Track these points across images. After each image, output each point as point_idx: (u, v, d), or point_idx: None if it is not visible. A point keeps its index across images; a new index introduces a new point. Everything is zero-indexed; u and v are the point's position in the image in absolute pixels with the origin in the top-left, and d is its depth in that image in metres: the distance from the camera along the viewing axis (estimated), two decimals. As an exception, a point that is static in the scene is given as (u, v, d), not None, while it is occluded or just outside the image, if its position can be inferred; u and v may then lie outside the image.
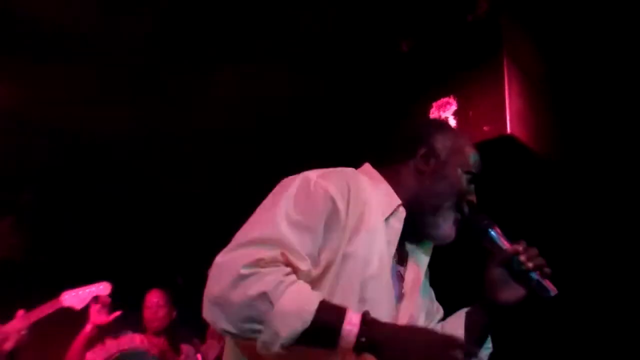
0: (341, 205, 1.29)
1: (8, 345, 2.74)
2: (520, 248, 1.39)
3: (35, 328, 2.86)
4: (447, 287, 1.75)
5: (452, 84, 2.91)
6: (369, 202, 1.36)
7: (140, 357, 3.40)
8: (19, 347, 2.77)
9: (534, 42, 3.05)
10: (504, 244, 1.43)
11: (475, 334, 1.45)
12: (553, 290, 1.37)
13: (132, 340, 3.48)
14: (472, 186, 1.50)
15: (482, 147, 2.71)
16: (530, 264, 1.37)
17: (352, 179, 1.37)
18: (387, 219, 1.39)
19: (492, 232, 1.44)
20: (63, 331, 3.61)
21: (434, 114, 2.92)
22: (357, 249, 1.29)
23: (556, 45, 3.07)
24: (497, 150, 2.72)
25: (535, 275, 1.37)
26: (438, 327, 1.54)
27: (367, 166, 1.54)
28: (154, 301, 3.67)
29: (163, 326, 3.62)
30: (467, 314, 1.49)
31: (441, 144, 1.49)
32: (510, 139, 2.69)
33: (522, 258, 1.38)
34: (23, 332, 2.78)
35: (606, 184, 3.16)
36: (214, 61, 3.39)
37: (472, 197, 1.49)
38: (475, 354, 1.41)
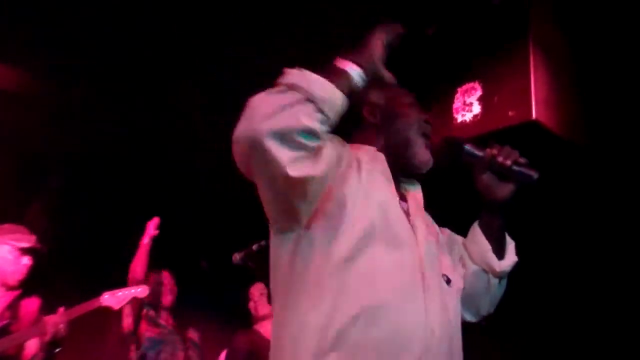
0: (340, 148, 1.44)
1: (46, 337, 2.81)
2: (495, 151, 1.56)
3: (75, 324, 2.96)
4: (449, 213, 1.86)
5: (478, 68, 2.90)
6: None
7: (166, 338, 3.48)
8: (57, 339, 2.85)
9: (560, 27, 3.01)
10: (480, 152, 1.59)
11: (494, 235, 1.62)
12: (535, 173, 1.53)
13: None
14: (420, 110, 1.66)
15: (507, 133, 2.74)
16: (508, 161, 1.53)
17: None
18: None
19: (467, 147, 1.61)
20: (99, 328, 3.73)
21: (458, 99, 2.91)
22: (365, 182, 1.43)
23: (582, 29, 3.03)
24: (522, 136, 2.70)
25: (516, 168, 1.53)
26: (463, 247, 1.68)
27: None
28: (169, 280, 3.79)
29: (173, 303, 3.72)
30: (480, 224, 1.64)
31: (375, 96, 1.65)
32: (536, 124, 2.67)
33: (500, 159, 1.54)
34: (61, 326, 2.84)
35: (633, 169, 3.13)
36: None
37: (426, 117, 1.65)
38: None
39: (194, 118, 4.15)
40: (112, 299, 3.13)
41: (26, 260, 2.97)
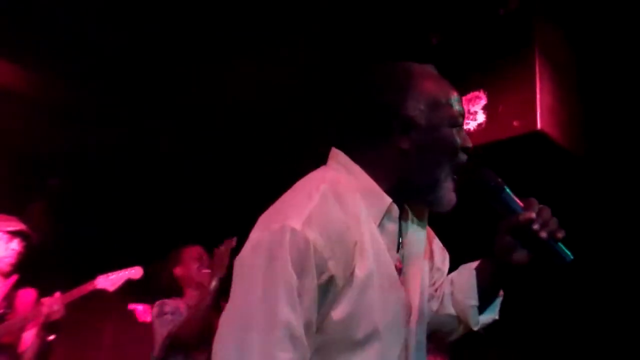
0: (335, 270, 1.11)
1: (40, 320, 2.85)
2: (533, 215, 1.23)
3: (70, 307, 2.99)
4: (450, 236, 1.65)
5: (483, 77, 2.88)
6: (358, 221, 1.17)
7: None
8: (54, 321, 2.88)
9: (566, 37, 3.00)
10: (517, 206, 1.27)
11: (487, 292, 1.40)
12: (569, 257, 1.26)
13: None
14: (462, 131, 1.28)
15: (512, 143, 2.72)
16: (544, 233, 1.22)
17: (336, 218, 1.14)
18: (380, 224, 1.21)
19: (505, 194, 1.28)
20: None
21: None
22: (362, 288, 1.14)
23: (588, 40, 3.02)
24: (526, 146, 2.69)
25: (551, 244, 1.25)
26: (448, 282, 1.47)
27: (337, 155, 1.29)
28: (199, 252, 3.49)
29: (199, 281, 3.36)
30: (478, 271, 1.40)
31: (415, 108, 1.22)
32: (541, 135, 2.65)
33: (536, 227, 1.22)
34: (56, 307, 2.87)
35: (636, 180, 3.12)
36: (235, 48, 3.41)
37: (468, 143, 1.27)
38: None
39: (193, 118, 4.14)
40: (107, 281, 3.13)
41: (15, 244, 3.01)
